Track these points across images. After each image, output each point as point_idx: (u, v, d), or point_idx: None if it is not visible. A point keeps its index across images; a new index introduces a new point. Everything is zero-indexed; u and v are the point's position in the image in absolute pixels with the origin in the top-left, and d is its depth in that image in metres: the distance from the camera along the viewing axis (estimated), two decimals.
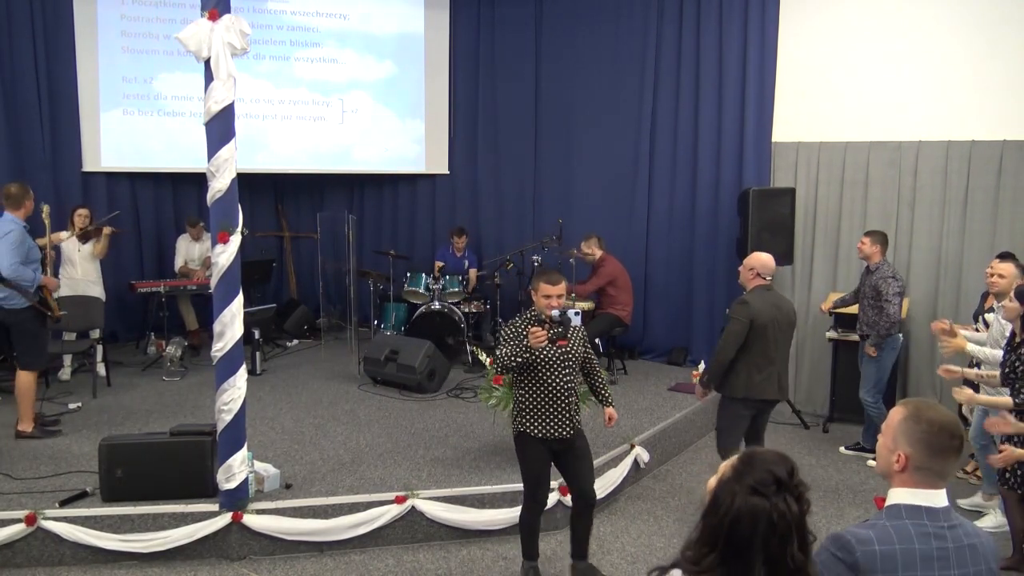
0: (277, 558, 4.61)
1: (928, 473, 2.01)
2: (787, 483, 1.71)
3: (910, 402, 2.11)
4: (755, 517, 1.67)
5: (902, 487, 2.04)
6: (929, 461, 2.00)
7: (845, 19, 7.32)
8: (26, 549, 4.46)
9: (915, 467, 2.01)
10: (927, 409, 2.05)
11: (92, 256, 7.51)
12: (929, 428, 2.00)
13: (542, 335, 3.92)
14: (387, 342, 7.53)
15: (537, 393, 4.13)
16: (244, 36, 4.35)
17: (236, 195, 4.44)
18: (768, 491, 1.69)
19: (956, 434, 2.02)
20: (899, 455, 2.03)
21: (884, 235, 6.28)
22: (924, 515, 2.00)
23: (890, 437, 2.07)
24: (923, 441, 2.00)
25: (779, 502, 1.68)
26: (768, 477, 1.70)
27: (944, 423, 2.01)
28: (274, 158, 9.15)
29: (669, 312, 8.45)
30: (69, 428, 6.07)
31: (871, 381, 6.14)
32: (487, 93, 9.35)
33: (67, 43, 8.21)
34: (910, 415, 2.04)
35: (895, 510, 2.03)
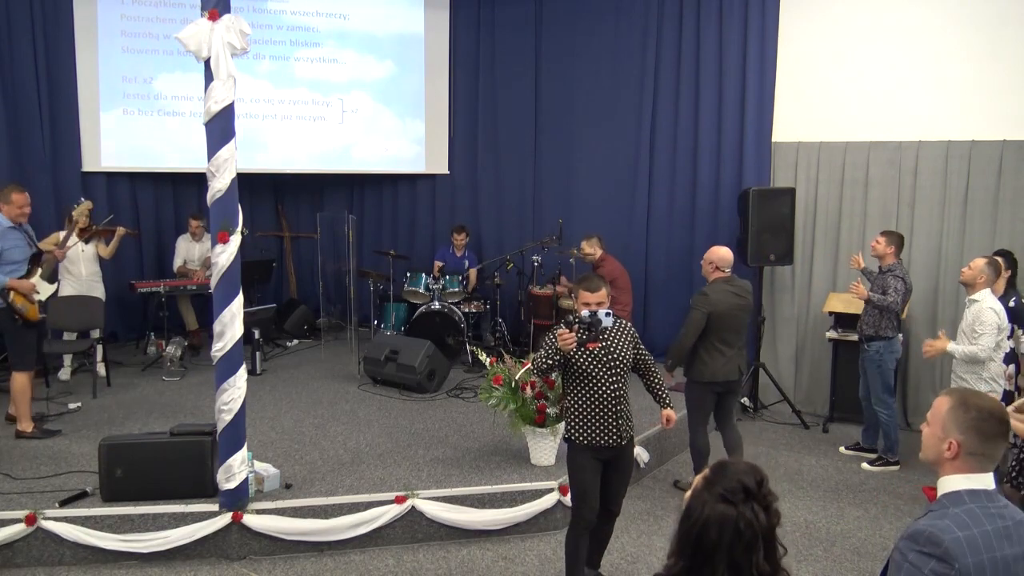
0: (277, 558, 4.61)
1: (981, 458, 2.06)
2: (755, 492, 1.75)
3: (955, 391, 2.16)
4: (722, 524, 1.72)
5: (955, 474, 2.08)
6: (981, 447, 2.06)
7: (845, 19, 7.32)
8: (26, 549, 4.46)
9: (968, 453, 2.06)
10: (973, 397, 2.12)
11: (95, 256, 7.51)
12: (979, 415, 2.06)
13: (570, 337, 3.80)
14: (387, 342, 7.53)
15: (583, 399, 3.97)
16: (244, 36, 4.35)
17: (236, 195, 4.45)
18: (736, 499, 1.74)
19: (1004, 419, 2.09)
20: (951, 443, 2.07)
21: (900, 236, 6.24)
22: (983, 497, 2.05)
23: (939, 426, 2.11)
24: (974, 428, 2.05)
25: (746, 511, 1.73)
26: (737, 486, 1.75)
27: (993, 409, 2.08)
28: (274, 158, 9.15)
29: (669, 312, 8.43)
30: (69, 428, 6.06)
31: (878, 387, 6.10)
32: (487, 93, 9.35)
33: (67, 43, 8.22)
34: (958, 404, 2.09)
35: (956, 497, 2.06)
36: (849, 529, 5.14)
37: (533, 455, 5.45)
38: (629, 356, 4.06)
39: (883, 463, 6.17)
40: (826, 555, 4.79)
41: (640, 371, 4.25)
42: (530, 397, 5.30)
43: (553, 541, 4.88)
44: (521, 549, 4.79)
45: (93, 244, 7.50)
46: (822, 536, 5.02)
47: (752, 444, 6.64)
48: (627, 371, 4.07)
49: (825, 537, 5.00)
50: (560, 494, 5.01)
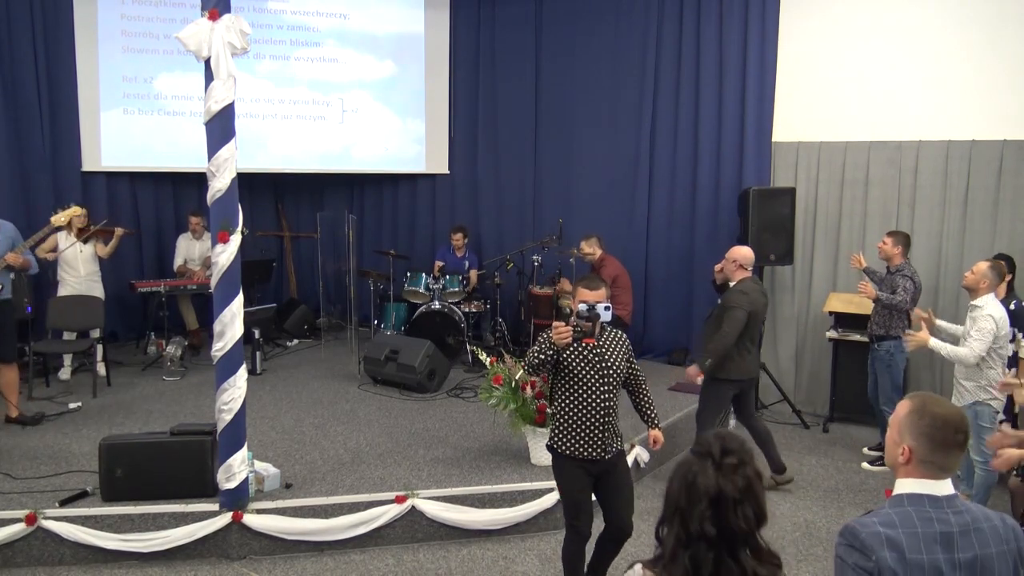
0: (277, 558, 4.61)
1: (931, 466, 2.05)
2: (715, 456, 1.87)
3: (917, 396, 2.14)
4: (678, 473, 1.90)
5: (907, 478, 2.09)
6: (932, 455, 2.04)
7: (845, 19, 7.32)
8: (26, 549, 4.46)
9: (919, 460, 2.05)
10: (932, 404, 2.08)
11: (94, 257, 7.51)
12: (932, 422, 2.04)
13: (566, 331, 3.62)
14: (387, 342, 7.53)
15: (571, 405, 3.81)
16: (244, 36, 4.35)
17: (236, 195, 4.44)
18: (699, 452, 1.90)
19: (960, 429, 2.05)
20: (904, 448, 2.07)
21: (907, 236, 6.21)
22: (926, 502, 2.04)
23: (896, 430, 2.11)
24: (927, 435, 2.04)
25: (696, 464, 1.87)
26: (704, 443, 1.91)
27: (948, 418, 2.04)
28: (274, 158, 9.15)
29: (669, 312, 8.45)
30: (69, 428, 6.07)
31: (887, 386, 6.06)
32: (487, 92, 9.36)
33: (67, 43, 8.21)
34: (915, 409, 2.08)
35: (898, 499, 2.08)
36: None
37: (533, 455, 5.45)
38: (623, 369, 3.89)
39: (883, 463, 6.16)
40: (826, 555, 4.78)
41: (630, 387, 4.10)
42: (530, 397, 5.30)
43: (553, 541, 4.87)
44: (521, 549, 4.79)
45: (91, 244, 7.50)
46: (822, 536, 5.02)
47: (751, 443, 6.64)
48: (619, 384, 3.90)
49: (825, 537, 5.00)
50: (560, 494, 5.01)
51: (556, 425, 3.89)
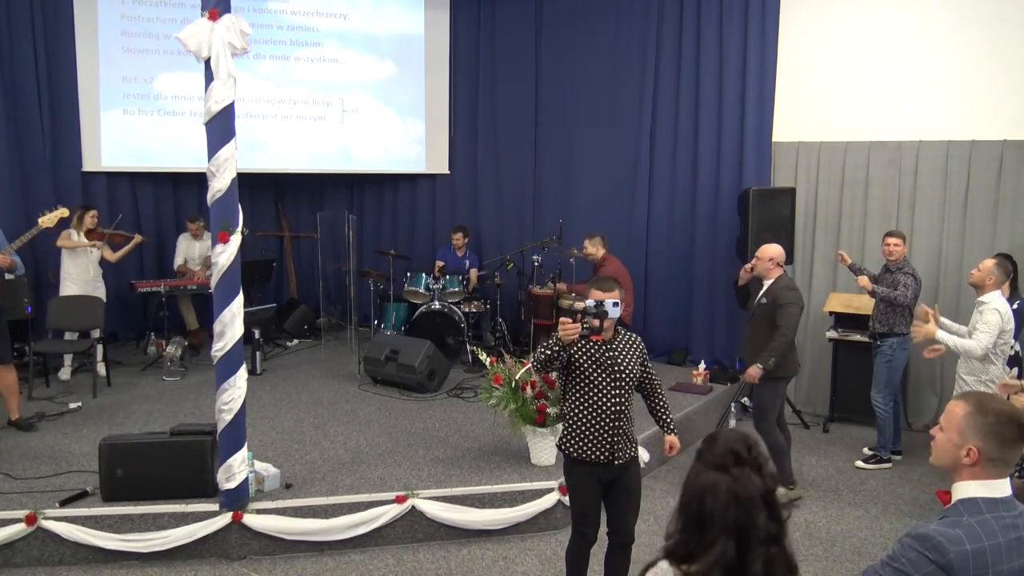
0: (277, 558, 4.61)
1: (999, 464, 2.03)
2: (745, 457, 1.76)
3: (970, 395, 2.12)
4: (715, 491, 1.73)
5: (972, 480, 2.04)
6: (1000, 451, 2.02)
7: (845, 19, 7.32)
8: (26, 549, 4.46)
9: (987, 459, 2.02)
10: (989, 401, 2.08)
11: (99, 257, 7.52)
12: (998, 420, 2.02)
13: (573, 327, 3.52)
14: (387, 342, 7.53)
15: (580, 410, 3.72)
16: (244, 36, 4.35)
17: (236, 195, 4.44)
18: (727, 464, 1.75)
19: (1022, 423, 2.05)
20: (970, 449, 2.02)
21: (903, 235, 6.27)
22: (1000, 507, 2.01)
23: (955, 432, 2.06)
24: (994, 433, 2.01)
25: (739, 474, 1.74)
26: (727, 451, 1.77)
27: (1011, 413, 2.04)
28: (274, 158, 9.15)
29: (669, 312, 8.44)
30: (69, 428, 6.07)
31: (882, 381, 6.10)
32: (487, 93, 9.35)
33: (67, 43, 8.21)
34: (976, 409, 2.05)
35: (973, 505, 2.02)
36: (849, 529, 5.14)
37: (533, 455, 5.45)
38: (636, 372, 3.77)
39: (877, 460, 6.18)
40: (826, 555, 4.79)
41: (644, 391, 3.98)
42: (530, 397, 5.29)
43: (553, 541, 4.88)
44: (521, 549, 4.79)
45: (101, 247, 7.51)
46: (822, 536, 5.02)
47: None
48: (632, 388, 3.78)
49: (825, 537, 5.00)
50: (560, 494, 5.01)
51: (566, 427, 3.81)
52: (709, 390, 7.29)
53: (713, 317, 8.19)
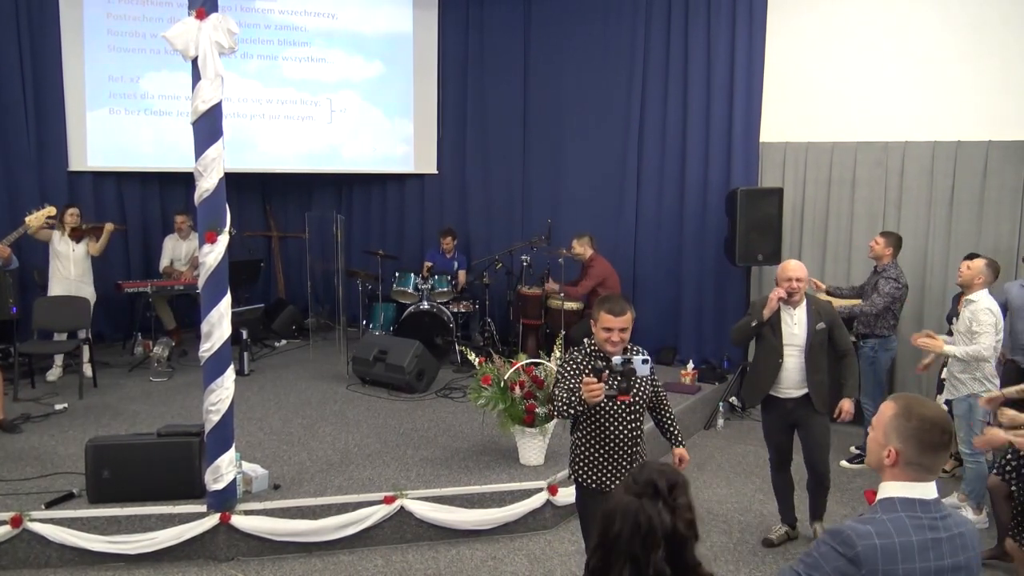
0: (265, 559, 4.60)
1: (919, 468, 2.04)
2: (663, 492, 1.78)
3: (901, 397, 2.13)
4: (624, 515, 1.77)
5: (893, 481, 2.07)
6: (920, 456, 2.03)
7: (832, 20, 7.36)
8: (12, 551, 4.43)
9: (906, 462, 2.04)
10: (918, 405, 2.08)
11: (86, 255, 7.47)
12: (920, 424, 2.02)
13: (597, 388, 3.19)
14: (376, 342, 7.51)
15: (594, 442, 3.54)
16: (232, 35, 4.33)
17: (224, 195, 4.42)
18: (644, 493, 1.78)
19: (947, 430, 2.05)
20: (890, 450, 2.05)
21: (899, 237, 6.26)
22: (918, 507, 2.03)
23: (881, 432, 2.09)
24: (915, 437, 2.02)
25: (648, 506, 1.76)
26: (648, 481, 1.80)
27: (935, 419, 2.04)
28: (262, 158, 9.12)
29: (657, 312, 8.46)
30: (55, 429, 6.03)
31: (868, 383, 6.12)
32: (476, 93, 9.35)
33: (53, 42, 8.15)
34: (901, 411, 2.06)
35: (889, 503, 2.05)
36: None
37: (522, 455, 5.45)
38: (648, 393, 3.59)
39: (862, 460, 6.21)
40: None
41: (651, 405, 3.76)
42: (519, 397, 5.30)
43: (542, 541, 4.88)
44: (510, 549, 4.79)
45: (84, 243, 7.46)
46: (809, 534, 5.04)
47: (741, 442, 6.67)
48: (644, 410, 3.61)
49: (812, 535, 5.02)
50: (549, 494, 5.02)
51: (580, 455, 3.60)
52: (697, 390, 7.31)
53: (701, 317, 8.22)
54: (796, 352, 4.65)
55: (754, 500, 5.56)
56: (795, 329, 4.66)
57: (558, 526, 5.08)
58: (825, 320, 4.66)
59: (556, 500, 5.03)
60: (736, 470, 6.15)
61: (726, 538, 5.01)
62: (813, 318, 4.65)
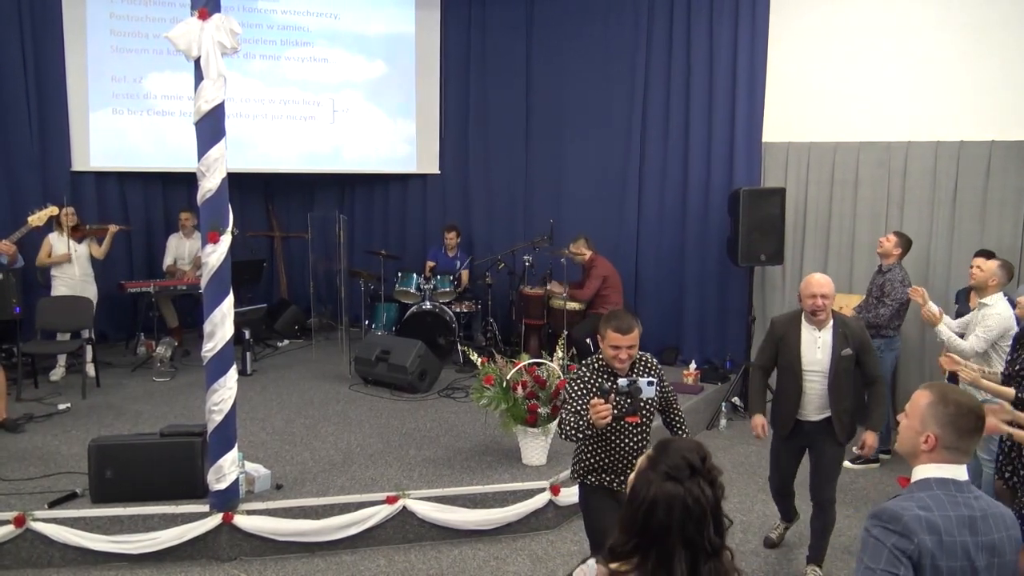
0: (268, 559, 4.60)
1: (955, 452, 2.14)
2: (700, 468, 1.77)
3: (934, 386, 2.23)
4: (670, 503, 1.74)
5: (929, 464, 2.16)
6: (957, 441, 2.13)
7: (834, 20, 7.36)
8: (15, 551, 4.44)
9: (944, 447, 2.13)
10: (952, 392, 2.18)
11: (88, 257, 7.48)
12: (958, 410, 2.12)
13: (604, 409, 3.22)
14: (378, 342, 7.52)
15: (600, 453, 3.56)
16: (234, 35, 4.34)
17: (226, 195, 4.43)
18: (682, 476, 1.75)
19: (981, 415, 2.15)
20: (928, 436, 2.14)
21: (909, 240, 6.24)
22: (952, 487, 2.12)
23: (918, 420, 2.18)
24: (952, 423, 2.12)
25: (693, 487, 1.74)
26: (682, 463, 1.77)
27: (971, 405, 2.14)
28: (264, 158, 9.12)
29: (660, 312, 8.45)
30: (58, 429, 6.04)
31: None
32: (478, 93, 9.35)
33: (56, 42, 8.16)
34: (938, 399, 2.16)
35: (925, 483, 2.14)
36: (840, 527, 5.13)
37: (524, 455, 5.45)
38: (656, 399, 3.56)
39: (864, 461, 6.20)
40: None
41: (661, 407, 3.73)
42: (521, 397, 5.30)
43: (544, 541, 4.88)
44: (512, 549, 4.79)
45: (86, 244, 7.47)
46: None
47: (744, 443, 6.66)
48: (653, 416, 3.60)
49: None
50: (551, 494, 5.02)
51: (584, 459, 3.60)
52: (700, 389, 7.31)
53: (703, 317, 8.21)
54: (819, 378, 4.23)
55: (756, 500, 5.56)
56: (818, 354, 4.21)
57: (560, 526, 5.08)
58: (853, 345, 4.21)
59: (559, 500, 5.03)
60: (739, 470, 6.14)
61: (728, 538, 4.99)
62: (839, 342, 4.19)
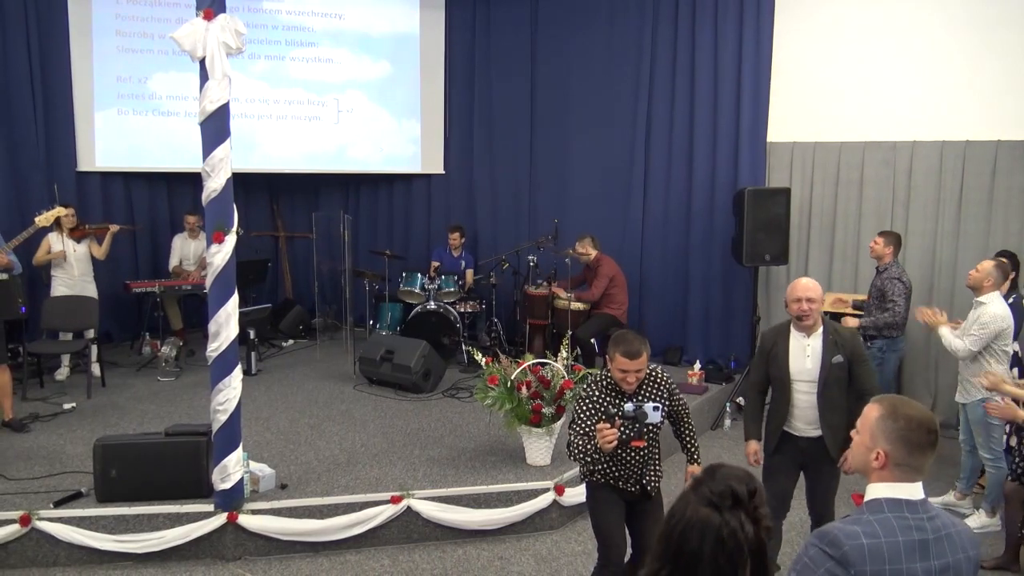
0: (272, 558, 4.61)
1: (907, 469, 2.03)
2: (744, 501, 1.63)
3: (885, 399, 2.12)
4: (704, 530, 1.60)
5: (880, 482, 2.06)
6: (908, 458, 2.01)
7: (840, 19, 7.34)
8: (20, 550, 4.45)
9: (894, 464, 2.02)
10: (903, 406, 2.06)
11: (87, 257, 7.50)
12: (907, 425, 2.01)
13: (611, 434, 3.31)
14: (383, 342, 7.52)
15: (608, 462, 3.62)
16: (239, 36, 4.35)
17: (231, 195, 4.45)
18: (722, 505, 1.61)
19: (932, 429, 2.03)
20: (878, 452, 2.04)
21: (898, 236, 6.25)
22: (904, 508, 2.01)
23: (868, 435, 2.07)
24: (902, 438, 2.01)
25: (731, 519, 1.60)
26: (726, 490, 1.63)
27: (921, 419, 2.02)
28: (269, 158, 9.14)
29: (664, 311, 8.45)
30: (64, 428, 6.05)
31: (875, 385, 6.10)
32: (483, 93, 9.35)
33: (61, 42, 8.19)
34: (887, 413, 2.05)
35: (876, 504, 2.04)
36: None
37: (529, 455, 5.45)
38: (666, 408, 3.63)
39: None
40: None
41: (672, 419, 3.78)
42: (525, 397, 5.30)
43: (548, 541, 4.88)
44: (517, 549, 4.79)
45: (86, 244, 7.48)
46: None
47: None
48: (659, 431, 3.63)
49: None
50: (556, 494, 5.02)
51: (591, 463, 3.59)
52: (704, 390, 7.30)
53: (708, 317, 8.20)
54: (807, 388, 4.00)
55: None
56: (807, 362, 3.98)
57: (565, 526, 5.08)
58: (844, 353, 3.96)
59: (563, 500, 5.03)
60: None
61: None
62: (830, 349, 3.95)
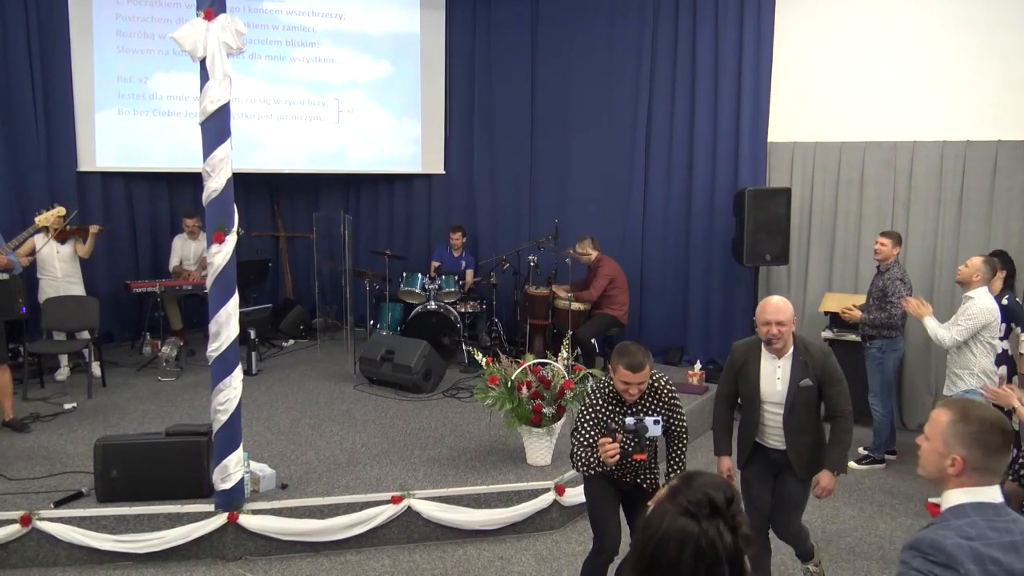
0: (273, 558, 4.61)
1: (985, 472, 1.96)
2: (723, 510, 1.57)
3: (954, 402, 2.05)
4: (682, 541, 1.54)
5: (958, 488, 1.98)
6: (985, 461, 1.95)
7: (841, 19, 7.34)
8: (21, 550, 4.45)
9: (972, 468, 1.96)
10: (973, 408, 2.01)
11: (72, 257, 7.48)
12: (981, 428, 1.95)
13: (612, 448, 3.38)
14: (383, 342, 7.52)
15: (608, 468, 3.62)
16: (240, 36, 4.35)
17: (232, 195, 4.44)
18: (700, 514, 1.56)
19: (1007, 430, 1.97)
20: (954, 458, 1.97)
21: (898, 234, 6.27)
22: (990, 512, 1.95)
23: (940, 441, 2.00)
24: (978, 441, 1.95)
25: (709, 528, 1.54)
26: (703, 499, 1.57)
27: (995, 421, 1.97)
28: (270, 158, 9.14)
29: (665, 311, 8.45)
30: (64, 428, 6.06)
31: (876, 384, 6.12)
32: (483, 93, 9.35)
33: (62, 43, 8.19)
34: (958, 417, 1.98)
35: (960, 510, 1.96)
36: (845, 529, 5.15)
37: (529, 455, 5.45)
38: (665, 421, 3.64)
39: (870, 461, 6.19)
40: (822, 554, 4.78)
41: (666, 434, 3.72)
42: (526, 397, 5.30)
43: (549, 541, 4.88)
44: (517, 549, 4.79)
45: (70, 244, 7.47)
46: (818, 536, 5.02)
47: None
48: (656, 442, 3.68)
49: (821, 536, 5.01)
50: (556, 494, 5.01)
51: (590, 460, 3.59)
52: (705, 390, 7.29)
53: (708, 317, 8.20)
54: (776, 408, 3.87)
55: None
56: (778, 385, 3.85)
57: (565, 526, 5.08)
58: (814, 376, 3.83)
59: (563, 500, 5.03)
60: None
61: None
62: (799, 372, 3.82)
